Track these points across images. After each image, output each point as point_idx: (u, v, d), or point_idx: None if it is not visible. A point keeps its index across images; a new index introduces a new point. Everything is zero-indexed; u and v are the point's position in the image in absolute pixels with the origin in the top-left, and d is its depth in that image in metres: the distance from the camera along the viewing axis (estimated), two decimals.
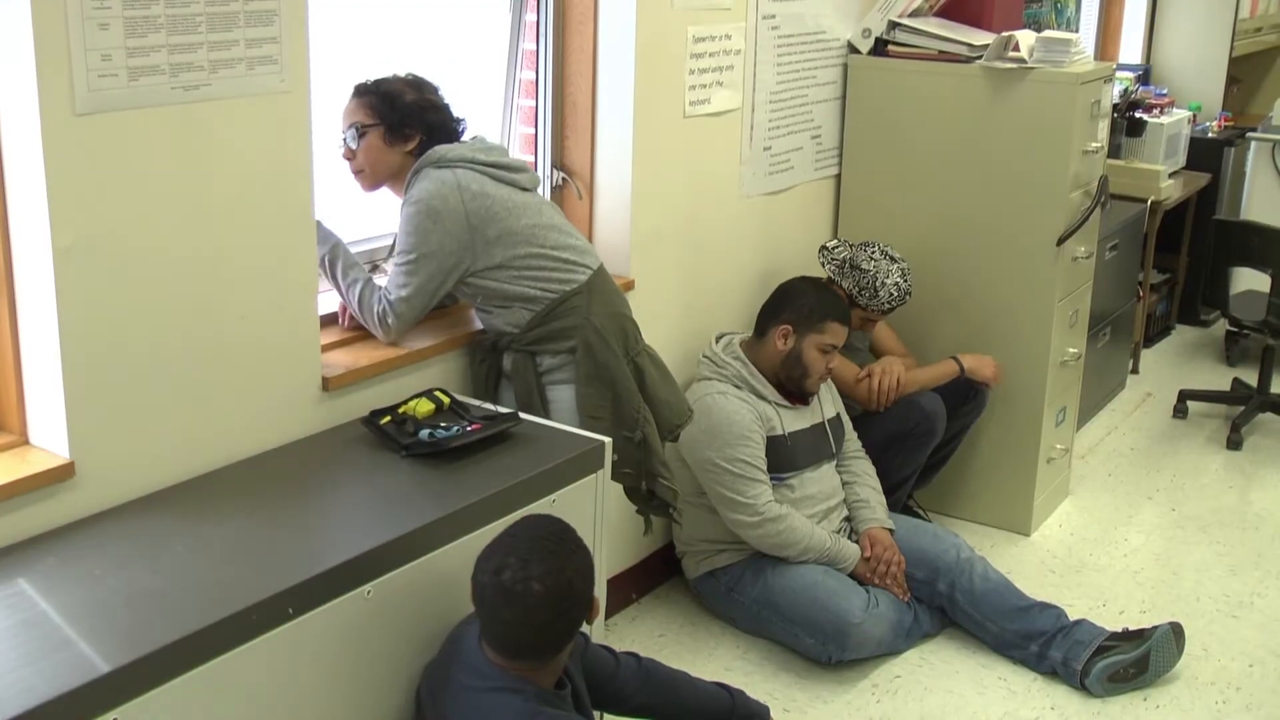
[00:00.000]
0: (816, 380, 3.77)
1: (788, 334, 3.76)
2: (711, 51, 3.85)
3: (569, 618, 2.39)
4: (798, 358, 3.75)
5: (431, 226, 2.95)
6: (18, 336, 2.41)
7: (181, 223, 2.51)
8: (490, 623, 2.37)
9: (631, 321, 3.20)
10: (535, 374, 3.12)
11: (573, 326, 3.07)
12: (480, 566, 2.37)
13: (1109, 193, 4.45)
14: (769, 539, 3.65)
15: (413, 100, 3.02)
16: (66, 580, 2.22)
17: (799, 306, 3.77)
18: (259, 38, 2.56)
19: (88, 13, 2.27)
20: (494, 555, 2.36)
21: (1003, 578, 3.78)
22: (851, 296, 4.05)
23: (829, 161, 4.57)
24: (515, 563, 2.32)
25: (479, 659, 2.40)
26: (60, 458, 2.40)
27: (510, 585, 2.31)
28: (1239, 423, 5.39)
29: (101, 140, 2.34)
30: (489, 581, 2.34)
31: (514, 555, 2.34)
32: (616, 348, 3.09)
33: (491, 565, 2.35)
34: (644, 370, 3.16)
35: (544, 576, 2.32)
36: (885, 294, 4.05)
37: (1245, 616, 4.00)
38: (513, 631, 2.36)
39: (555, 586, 2.33)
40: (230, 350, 2.65)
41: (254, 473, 2.67)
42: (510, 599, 2.32)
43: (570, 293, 3.07)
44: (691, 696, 2.90)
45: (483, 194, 3.00)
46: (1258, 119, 7.01)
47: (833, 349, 3.77)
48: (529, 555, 2.34)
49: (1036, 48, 4.24)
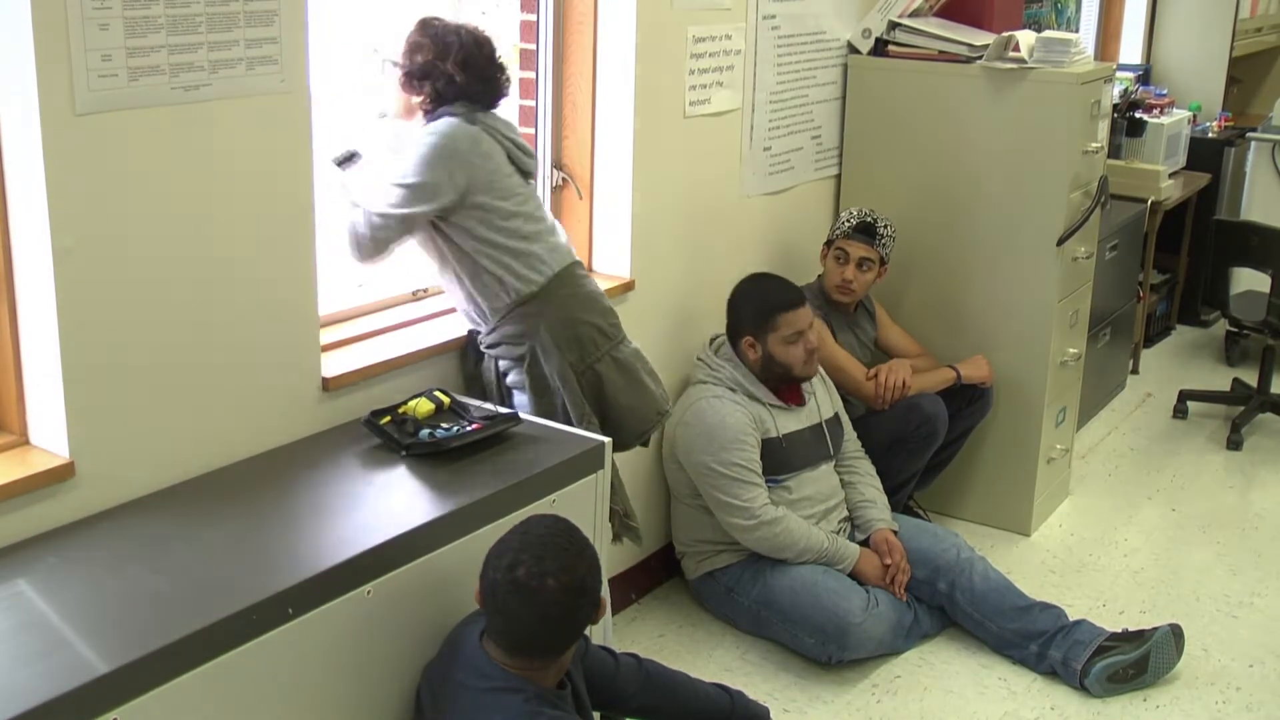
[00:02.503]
0: (801, 367, 3.76)
1: (752, 344, 3.77)
2: (711, 52, 3.85)
3: (579, 615, 2.40)
4: (772, 359, 3.75)
5: (439, 163, 2.95)
6: (18, 336, 2.41)
7: (181, 223, 2.51)
8: (500, 619, 2.37)
9: (592, 327, 3.13)
10: (497, 376, 3.15)
11: (522, 333, 3.07)
12: (491, 564, 2.37)
13: (1109, 193, 4.45)
14: (765, 542, 3.65)
15: (424, 61, 3.04)
16: (66, 581, 2.22)
17: (746, 315, 3.78)
18: (259, 38, 2.56)
19: (88, 13, 2.27)
20: (506, 552, 2.36)
21: (1003, 578, 3.78)
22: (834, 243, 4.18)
23: (829, 161, 4.57)
24: (529, 559, 2.33)
25: (480, 658, 2.40)
26: (60, 458, 2.40)
27: (525, 581, 2.31)
28: (1239, 423, 5.39)
29: (102, 140, 2.34)
30: (502, 578, 2.34)
31: (527, 552, 2.34)
32: (568, 356, 3.08)
33: (505, 562, 2.34)
34: (603, 378, 3.14)
35: (559, 573, 2.33)
36: (840, 219, 4.20)
37: (1245, 617, 4.00)
38: (524, 628, 2.36)
39: (570, 583, 2.34)
40: (230, 350, 2.65)
41: (254, 473, 2.67)
42: (525, 595, 2.32)
43: (526, 296, 3.05)
44: (691, 697, 2.90)
45: (490, 158, 3.02)
46: (1258, 119, 7.01)
47: (798, 335, 3.74)
48: (543, 552, 2.34)
49: (1037, 48, 4.24)
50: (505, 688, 2.37)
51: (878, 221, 4.14)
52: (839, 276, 4.12)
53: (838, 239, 4.15)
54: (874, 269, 4.14)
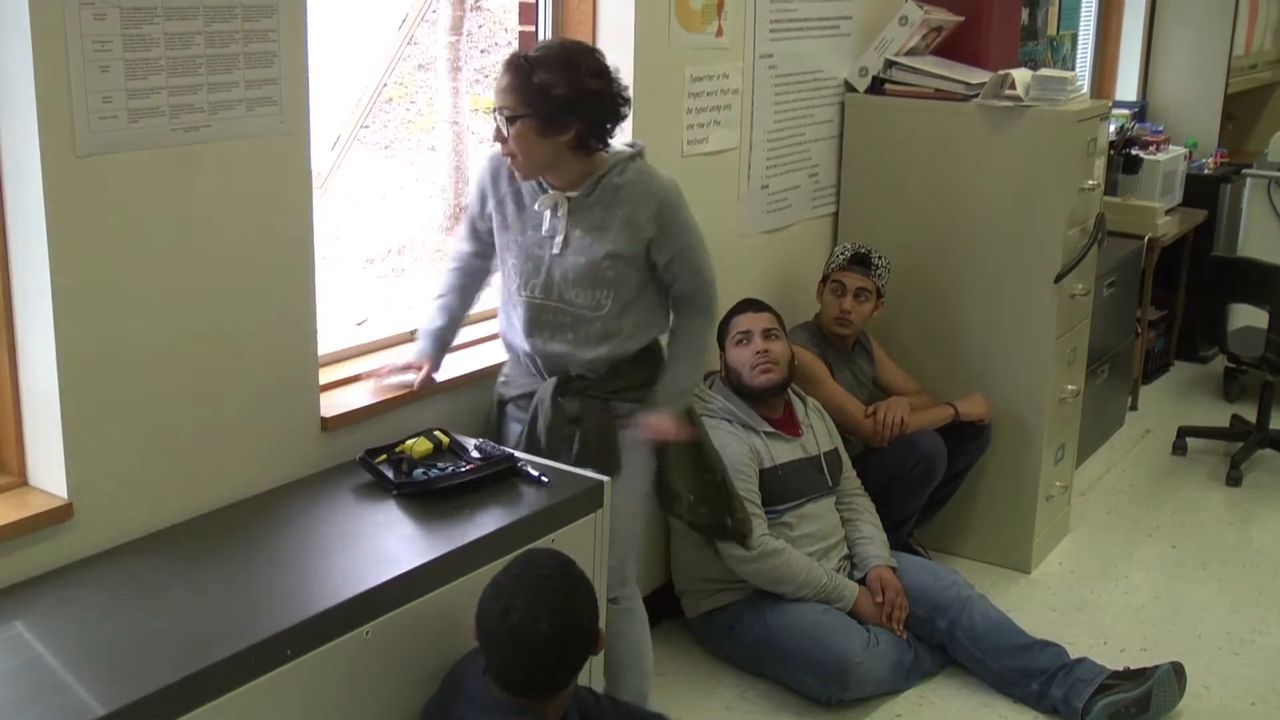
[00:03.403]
0: (750, 371, 3.77)
1: (722, 358, 3.84)
2: (709, 91, 3.87)
3: (576, 654, 2.39)
4: (729, 366, 3.82)
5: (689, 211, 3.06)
6: (17, 377, 2.41)
7: (181, 264, 2.51)
8: (498, 660, 2.36)
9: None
10: (610, 416, 3.07)
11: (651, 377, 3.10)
12: (485, 607, 2.36)
13: (1106, 230, 4.46)
14: (765, 574, 3.64)
15: (565, 94, 2.79)
16: (64, 622, 2.21)
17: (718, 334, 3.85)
18: (259, 79, 2.58)
19: (89, 55, 2.28)
20: (499, 596, 2.35)
21: (1003, 615, 3.77)
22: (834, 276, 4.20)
23: (826, 199, 4.58)
24: (521, 604, 2.31)
25: (483, 693, 2.38)
26: (59, 498, 2.40)
27: (518, 627, 2.30)
28: (1238, 459, 5.39)
29: (102, 181, 2.34)
30: (495, 624, 2.32)
31: (519, 597, 2.32)
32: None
33: (497, 606, 2.33)
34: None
35: (551, 617, 2.31)
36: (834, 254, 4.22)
37: (1247, 654, 3.99)
38: (520, 671, 2.35)
39: (563, 626, 2.32)
40: (229, 391, 2.65)
41: (253, 513, 2.66)
42: (518, 641, 2.31)
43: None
44: None
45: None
46: (1253, 155, 7.04)
47: (745, 335, 3.79)
48: (534, 596, 2.32)
49: (1033, 86, 4.27)
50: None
51: (872, 253, 4.15)
52: (837, 308, 4.13)
53: (833, 272, 4.16)
54: (871, 300, 4.15)
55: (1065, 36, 6.73)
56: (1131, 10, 7.42)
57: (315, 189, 2.80)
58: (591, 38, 3.57)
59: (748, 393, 3.78)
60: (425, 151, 9.60)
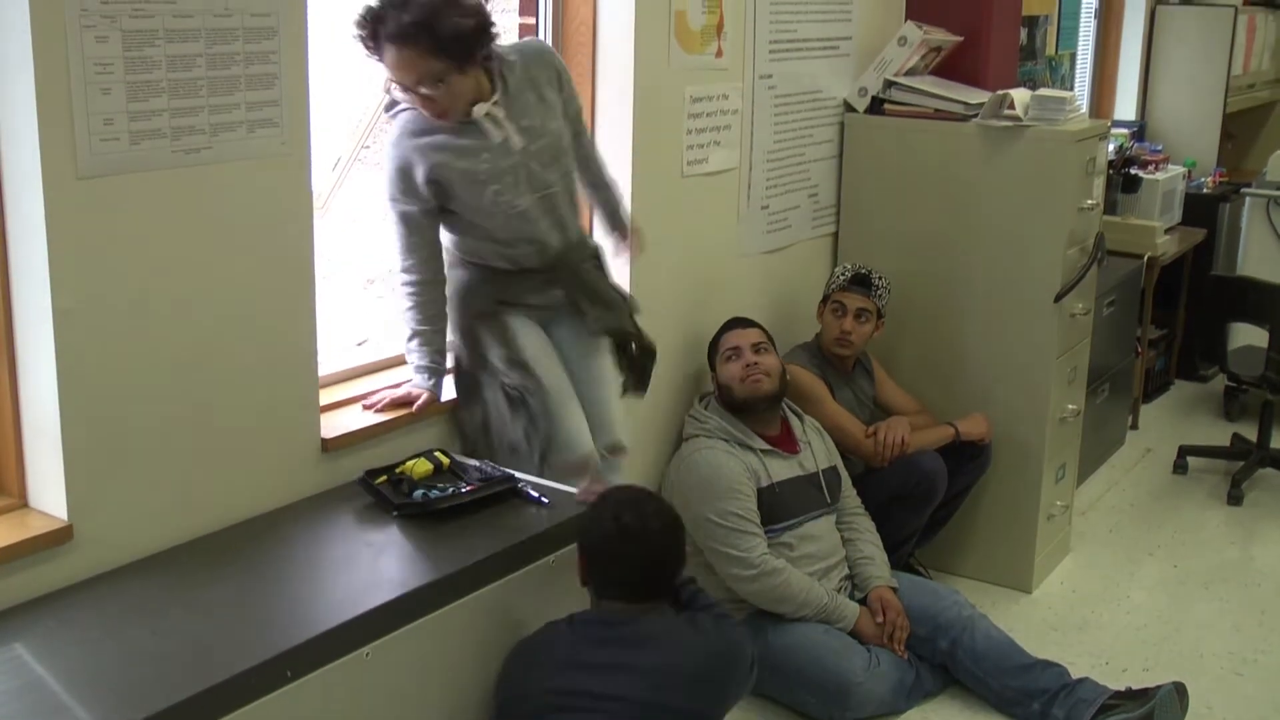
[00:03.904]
0: (739, 384, 3.78)
1: (714, 377, 3.87)
2: (709, 111, 3.88)
3: (682, 543, 2.79)
4: (721, 384, 3.83)
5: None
6: (17, 399, 2.41)
7: (181, 285, 2.52)
8: (616, 569, 2.68)
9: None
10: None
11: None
12: (594, 526, 2.70)
13: (1105, 249, 4.47)
14: (766, 594, 3.63)
15: (474, 25, 2.87)
16: (64, 644, 2.21)
17: (709, 355, 3.93)
18: (260, 100, 2.58)
19: (90, 77, 2.29)
20: (603, 513, 2.70)
21: (1004, 635, 3.77)
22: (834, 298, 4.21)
23: (826, 219, 4.59)
24: (629, 511, 2.68)
25: (584, 634, 2.62)
26: (59, 520, 2.40)
27: (634, 527, 2.66)
28: (1239, 478, 5.38)
29: (103, 203, 2.35)
30: (613, 532, 2.66)
31: (623, 508, 2.70)
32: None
33: (609, 516, 2.68)
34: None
35: (657, 515, 2.73)
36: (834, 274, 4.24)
37: (1249, 674, 3.98)
38: (643, 570, 2.69)
39: (669, 519, 2.75)
40: (229, 412, 2.65)
41: (253, 535, 2.66)
42: (639, 539, 2.67)
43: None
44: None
45: None
46: (1252, 174, 7.05)
47: (733, 351, 3.81)
48: (636, 503, 2.73)
49: (1031, 106, 4.28)
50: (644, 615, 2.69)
51: (872, 273, 4.16)
52: (837, 329, 4.13)
53: (834, 292, 4.16)
54: (871, 320, 4.16)
55: (1064, 56, 6.75)
56: (1130, 30, 7.44)
57: (316, 209, 2.81)
58: (591, 60, 3.59)
59: (740, 406, 3.78)
60: None
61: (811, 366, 4.13)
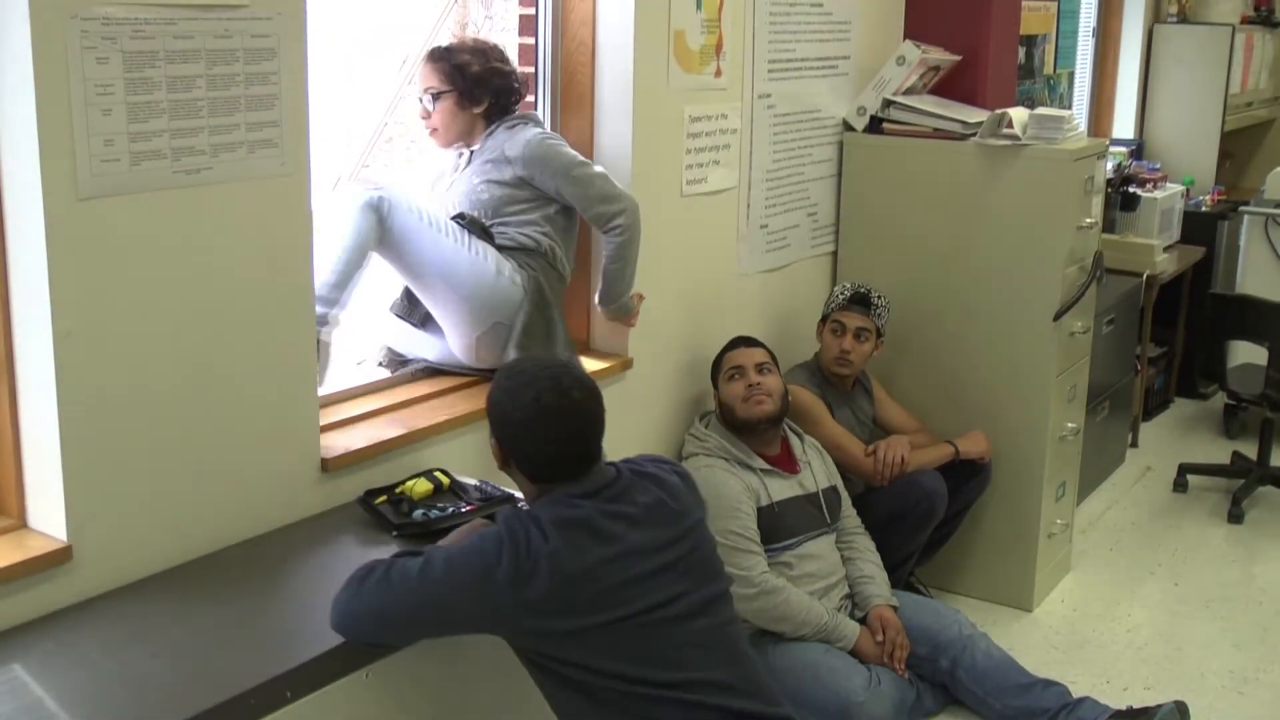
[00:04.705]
0: (741, 404, 3.76)
1: (716, 396, 3.86)
2: (708, 131, 3.89)
3: (602, 413, 2.53)
4: (723, 403, 3.82)
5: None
6: (17, 419, 2.41)
7: (181, 306, 2.52)
8: (547, 450, 2.45)
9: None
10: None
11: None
12: (512, 409, 2.47)
13: (1104, 267, 4.48)
14: (766, 612, 3.62)
15: (480, 70, 3.35)
16: (63, 665, 2.20)
17: (712, 372, 3.90)
18: (260, 121, 2.59)
19: (91, 98, 2.29)
20: (520, 393, 2.46)
21: (1005, 654, 3.76)
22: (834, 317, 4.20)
23: (825, 238, 4.59)
24: (547, 386, 2.45)
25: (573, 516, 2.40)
26: (58, 541, 2.39)
27: (557, 403, 2.44)
28: (1239, 496, 5.38)
29: (103, 224, 2.35)
30: (534, 414, 2.44)
31: (540, 383, 2.46)
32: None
33: (528, 398, 2.45)
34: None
35: (576, 385, 2.48)
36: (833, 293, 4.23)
37: (1251, 693, 3.97)
38: (572, 444, 2.45)
39: (589, 389, 2.50)
40: (229, 432, 2.65)
41: (253, 555, 2.66)
42: (562, 414, 2.44)
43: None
44: None
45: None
46: (1250, 192, 7.06)
47: (736, 370, 3.80)
48: (552, 377, 2.48)
49: (1030, 124, 4.28)
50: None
51: (871, 292, 4.16)
52: (837, 348, 4.13)
53: (833, 312, 4.17)
54: (871, 339, 4.16)
55: (1062, 75, 6.76)
56: (1128, 48, 7.46)
57: (315, 229, 2.81)
58: (590, 80, 3.60)
59: (742, 426, 3.78)
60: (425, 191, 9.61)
61: (811, 386, 4.13)
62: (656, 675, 2.39)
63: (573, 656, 2.36)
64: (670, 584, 2.44)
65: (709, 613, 2.50)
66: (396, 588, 2.32)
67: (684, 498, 2.59)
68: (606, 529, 2.40)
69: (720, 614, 2.54)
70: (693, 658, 2.44)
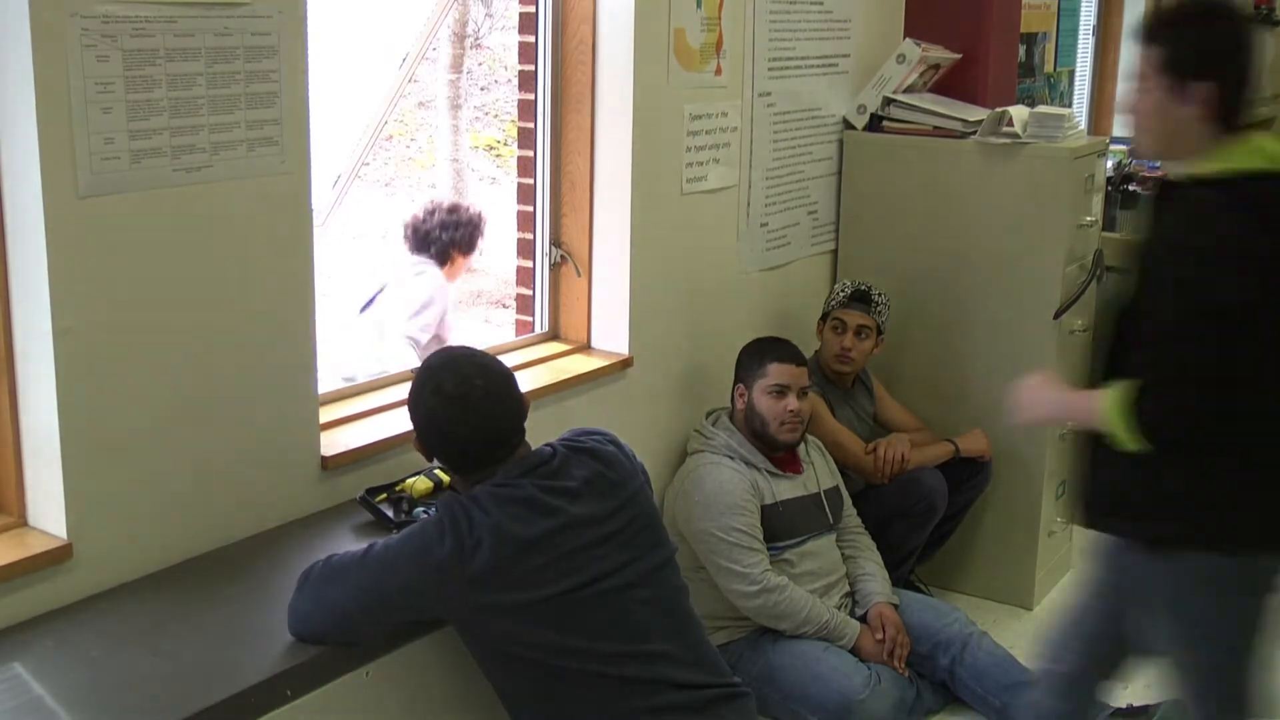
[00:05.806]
0: (778, 425, 3.72)
1: (742, 392, 3.79)
2: (708, 129, 3.88)
3: (518, 403, 2.53)
4: (754, 409, 3.76)
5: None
6: (17, 417, 2.41)
7: (181, 304, 2.52)
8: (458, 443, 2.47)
9: None
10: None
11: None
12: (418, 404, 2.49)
13: (1104, 265, 4.47)
14: (767, 610, 3.62)
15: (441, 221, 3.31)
16: (63, 663, 2.21)
17: (742, 364, 3.83)
18: (260, 119, 2.59)
19: (91, 96, 2.29)
20: (424, 386, 2.48)
21: (1006, 652, 3.76)
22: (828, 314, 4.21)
23: (826, 236, 4.59)
24: (449, 376, 2.47)
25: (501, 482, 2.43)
26: (58, 539, 2.40)
27: (458, 391, 2.44)
28: None
29: (103, 222, 2.35)
30: (437, 405, 2.46)
31: (443, 373, 2.48)
32: None
33: (429, 389, 2.46)
34: None
35: (479, 375, 2.48)
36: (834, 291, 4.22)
37: None
38: (480, 433, 2.46)
39: (495, 376, 2.50)
40: (229, 431, 2.65)
41: (253, 553, 2.66)
42: (464, 402, 2.44)
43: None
44: None
45: None
46: None
47: (782, 389, 3.72)
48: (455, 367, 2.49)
49: (1030, 123, 4.28)
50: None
51: (872, 290, 4.16)
52: (837, 346, 4.13)
53: (834, 310, 4.16)
54: (871, 337, 4.16)
55: (1062, 73, 6.76)
56: (1128, 47, 7.46)
57: (316, 226, 2.81)
58: (590, 77, 3.59)
59: (765, 440, 3.76)
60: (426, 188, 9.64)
61: (811, 384, 4.13)
62: (607, 648, 2.41)
63: (523, 635, 2.36)
64: (614, 553, 2.45)
65: (654, 582, 2.53)
66: (340, 577, 2.34)
67: (620, 466, 2.59)
68: (547, 503, 2.41)
69: (666, 583, 2.57)
70: (642, 628, 2.46)
